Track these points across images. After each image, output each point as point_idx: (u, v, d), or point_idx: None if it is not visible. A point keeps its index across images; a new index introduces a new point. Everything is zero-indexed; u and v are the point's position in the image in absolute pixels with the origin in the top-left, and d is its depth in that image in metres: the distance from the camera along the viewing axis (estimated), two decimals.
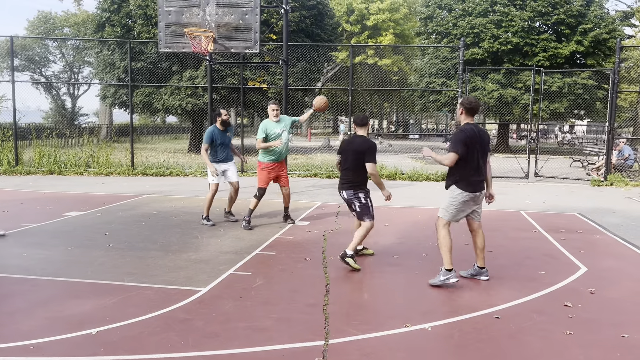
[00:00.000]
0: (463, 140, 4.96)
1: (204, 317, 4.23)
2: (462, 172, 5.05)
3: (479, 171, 5.11)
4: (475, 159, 5.05)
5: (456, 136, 5.04)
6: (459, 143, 4.96)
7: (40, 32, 40.00)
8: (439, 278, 5.09)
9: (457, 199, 5.11)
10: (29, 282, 5.06)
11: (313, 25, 23.33)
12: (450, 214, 5.16)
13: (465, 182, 5.07)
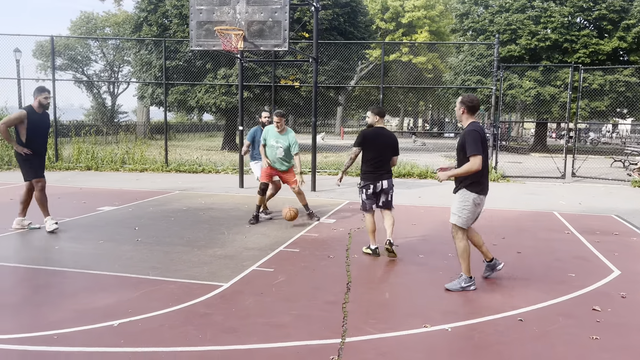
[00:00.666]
0: (480, 139, 4.77)
1: (223, 312, 4.27)
2: (475, 174, 4.82)
3: (487, 172, 4.99)
4: (485, 160, 4.88)
5: (472, 136, 4.76)
6: (478, 143, 4.74)
7: (83, 32, 41.23)
8: (459, 284, 4.94)
9: (469, 202, 4.88)
10: (60, 275, 5.22)
11: (346, 23, 23.28)
12: (464, 219, 4.91)
13: (477, 184, 4.88)
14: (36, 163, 7.11)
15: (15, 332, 3.77)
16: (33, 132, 6.94)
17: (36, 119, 6.97)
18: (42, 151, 7.22)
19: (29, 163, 7.04)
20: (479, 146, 4.73)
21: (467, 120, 4.94)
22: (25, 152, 6.90)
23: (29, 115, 6.91)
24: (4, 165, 14.69)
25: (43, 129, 7.14)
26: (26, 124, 6.87)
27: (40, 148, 7.15)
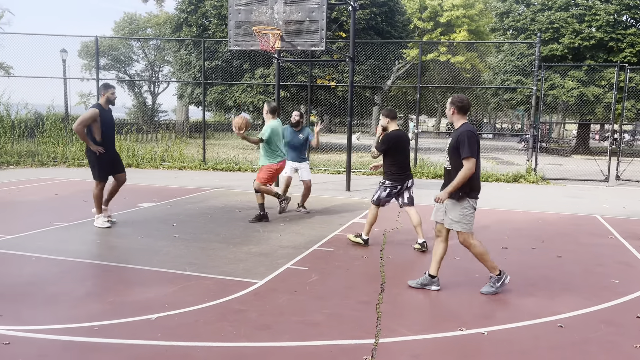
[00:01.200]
0: (476, 141, 4.61)
1: (258, 309, 4.31)
2: (473, 180, 4.67)
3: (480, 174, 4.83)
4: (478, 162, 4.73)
5: (468, 137, 4.58)
6: (473, 145, 4.57)
7: (126, 32, 42.32)
8: (494, 286, 4.84)
9: (470, 208, 4.77)
10: (101, 268, 5.38)
11: (383, 23, 23.15)
12: (470, 224, 4.78)
13: (476, 190, 4.78)
14: (107, 162, 7.16)
15: (58, 322, 3.91)
16: (104, 130, 7.02)
17: (105, 116, 7.05)
18: (112, 149, 7.29)
19: (99, 162, 7.08)
20: (474, 148, 4.59)
21: (458, 121, 4.81)
22: (100, 150, 6.96)
23: (100, 113, 6.97)
24: (50, 162, 15.22)
25: (112, 126, 7.22)
26: (99, 123, 6.95)
27: (111, 146, 7.23)
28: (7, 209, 8.37)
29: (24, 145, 15.94)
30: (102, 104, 7.07)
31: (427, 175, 14.04)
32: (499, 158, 21.59)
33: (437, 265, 4.94)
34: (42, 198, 9.52)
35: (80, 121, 6.88)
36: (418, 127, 15.30)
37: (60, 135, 15.99)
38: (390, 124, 6.31)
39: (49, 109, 16.32)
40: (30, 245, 6.08)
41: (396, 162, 6.27)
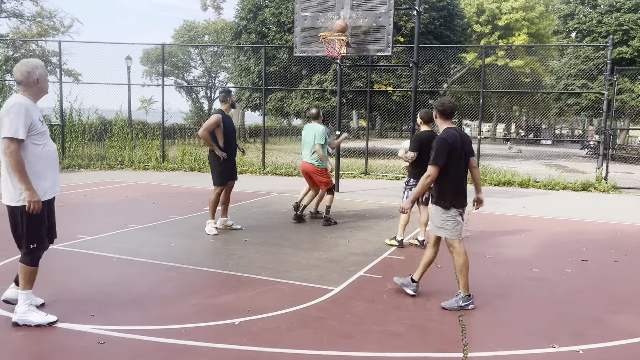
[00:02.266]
0: (448, 150, 4.46)
1: (337, 316, 4.28)
2: (448, 187, 4.56)
3: (465, 183, 4.67)
4: (462, 169, 4.59)
5: (438, 145, 4.48)
6: (443, 154, 4.45)
7: (185, 40, 43.65)
8: (457, 303, 4.55)
9: (449, 216, 4.58)
10: (177, 270, 5.49)
11: (442, 27, 22.81)
12: (453, 230, 4.58)
13: (452, 199, 4.57)
14: (228, 169, 7.23)
15: (146, 323, 4.00)
16: (227, 135, 7.07)
17: (227, 122, 7.10)
18: (234, 155, 7.32)
19: (221, 168, 7.13)
20: (443, 157, 4.45)
21: (441, 125, 4.72)
22: (224, 156, 7.03)
23: (224, 118, 7.02)
24: (118, 165, 15.81)
25: (233, 132, 7.25)
26: (222, 128, 7.00)
27: (233, 151, 7.27)
28: (82, 211, 8.72)
29: (94, 149, 16.64)
30: (224, 110, 7.14)
31: (490, 182, 13.66)
32: (564, 166, 20.78)
33: (422, 271, 4.85)
34: (113, 200, 9.88)
35: (205, 127, 6.97)
36: (481, 132, 14.92)
37: (126, 140, 16.59)
38: (422, 126, 6.40)
39: (117, 114, 16.97)
40: (110, 246, 6.30)
41: (425, 162, 6.17)
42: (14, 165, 3.70)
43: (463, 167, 4.60)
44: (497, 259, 6.28)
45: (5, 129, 3.68)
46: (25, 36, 23.90)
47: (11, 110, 3.71)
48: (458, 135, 4.58)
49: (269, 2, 23.22)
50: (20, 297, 3.92)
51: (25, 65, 3.87)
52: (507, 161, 20.43)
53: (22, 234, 3.87)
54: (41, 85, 3.95)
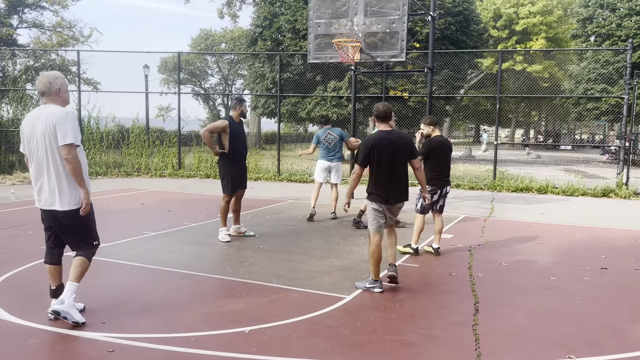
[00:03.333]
0: (367, 149, 5.00)
1: (349, 325, 4.22)
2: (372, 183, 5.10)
3: (392, 181, 5.06)
4: (386, 168, 5.00)
5: (360, 146, 5.17)
6: (362, 152, 5.04)
7: (202, 48, 44.09)
8: (364, 285, 5.13)
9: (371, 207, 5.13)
10: (189, 277, 5.49)
11: (458, 32, 22.68)
12: (371, 223, 5.15)
13: (374, 193, 5.09)
14: (237, 177, 7.19)
15: (156, 331, 3.99)
16: (235, 143, 7.04)
17: (236, 129, 7.09)
18: (243, 164, 7.29)
19: (229, 176, 7.12)
20: (363, 157, 5.02)
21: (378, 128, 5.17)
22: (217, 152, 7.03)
23: (231, 124, 7.01)
24: (134, 173, 15.96)
25: (243, 140, 7.26)
26: (229, 133, 6.97)
27: (243, 159, 7.25)
28: (98, 218, 8.75)
29: (111, 157, 16.83)
30: (234, 117, 7.14)
31: (508, 188, 13.48)
32: (583, 171, 20.43)
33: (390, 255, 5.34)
34: (129, 208, 9.95)
35: (208, 127, 7.10)
36: (497, 138, 14.77)
37: (143, 147, 16.75)
38: (433, 131, 6.57)
39: (134, 122, 17.16)
40: (124, 253, 6.33)
41: (436, 166, 6.52)
42: (77, 170, 3.92)
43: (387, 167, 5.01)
44: (513, 267, 6.17)
45: (68, 136, 3.85)
46: (46, 46, 24.34)
47: (66, 117, 3.89)
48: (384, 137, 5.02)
49: (284, 10, 23.34)
50: (69, 288, 4.07)
51: (46, 77, 4.02)
52: (525, 167, 20.16)
53: (83, 233, 4.15)
54: (63, 96, 4.09)
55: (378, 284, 5.04)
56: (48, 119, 3.90)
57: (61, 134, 3.87)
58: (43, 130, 3.91)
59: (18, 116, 16.13)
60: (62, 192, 3.99)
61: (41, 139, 3.94)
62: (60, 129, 3.87)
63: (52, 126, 3.88)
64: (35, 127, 3.97)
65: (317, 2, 9.75)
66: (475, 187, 13.81)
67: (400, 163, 5.05)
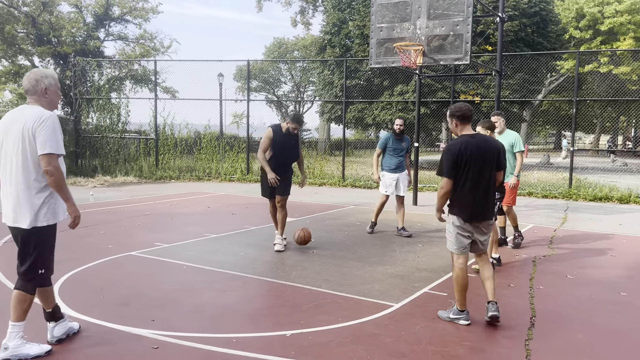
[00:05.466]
0: (454, 159, 4.27)
1: (392, 334, 4.11)
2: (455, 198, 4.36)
3: (479, 193, 4.33)
4: (472, 178, 4.29)
5: (443, 156, 4.35)
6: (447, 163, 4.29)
7: (275, 56, 45.10)
8: (447, 314, 4.48)
9: (451, 225, 4.45)
10: (240, 279, 5.58)
11: (534, 34, 21.71)
12: (451, 243, 4.47)
13: (457, 206, 4.37)
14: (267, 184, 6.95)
15: (200, 331, 4.08)
16: (276, 152, 6.87)
17: (281, 138, 6.85)
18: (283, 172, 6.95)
19: (263, 181, 7.09)
20: (448, 168, 4.29)
21: (460, 132, 4.44)
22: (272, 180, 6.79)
23: (274, 133, 6.86)
24: (205, 177, 16.55)
25: (287, 150, 6.95)
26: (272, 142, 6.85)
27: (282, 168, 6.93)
28: (165, 220, 9.17)
29: (184, 161, 17.55)
30: (282, 127, 6.93)
31: (585, 197, 12.68)
32: None
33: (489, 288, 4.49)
34: (195, 210, 10.31)
35: (260, 148, 6.93)
36: (574, 144, 13.95)
37: (214, 153, 17.34)
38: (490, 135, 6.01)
39: (206, 128, 17.80)
40: (183, 254, 6.55)
41: None
42: (58, 181, 3.44)
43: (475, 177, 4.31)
44: (580, 280, 5.77)
45: (47, 144, 3.38)
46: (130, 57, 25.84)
47: (47, 122, 3.41)
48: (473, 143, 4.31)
49: (353, 15, 23.39)
50: (12, 329, 3.49)
51: (34, 73, 3.55)
52: (608, 175, 18.89)
53: (33, 257, 3.51)
54: (49, 97, 3.59)
55: (464, 315, 4.37)
56: (27, 122, 3.40)
57: (40, 141, 3.38)
58: (18, 134, 3.42)
59: (101, 123, 17.23)
60: (26, 205, 3.46)
61: (13, 142, 3.45)
62: (39, 136, 3.38)
63: (30, 131, 3.39)
64: (9, 129, 3.47)
65: (378, 7, 9.68)
66: (549, 196, 13.11)
67: (488, 172, 4.33)
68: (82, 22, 24.48)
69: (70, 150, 16.69)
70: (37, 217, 3.48)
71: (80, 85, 17.58)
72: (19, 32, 22.37)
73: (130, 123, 18.23)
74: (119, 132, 17.23)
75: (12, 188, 3.49)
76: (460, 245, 4.40)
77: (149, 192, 13.16)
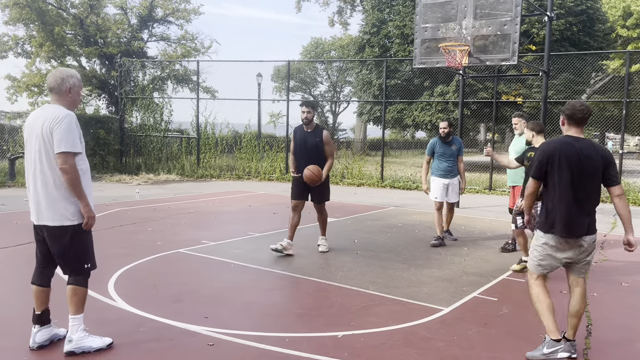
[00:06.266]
0: (547, 160, 3.73)
1: (445, 338, 4.07)
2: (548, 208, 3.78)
3: (575, 204, 3.67)
4: (567, 185, 3.66)
5: (535, 156, 3.91)
6: (539, 164, 3.77)
7: (312, 56, 45.26)
8: (540, 351, 3.74)
9: (538, 241, 3.86)
10: (287, 278, 5.63)
11: (580, 33, 21.12)
12: (534, 261, 3.89)
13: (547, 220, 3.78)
14: (294, 187, 6.78)
15: (253, 329, 4.13)
16: (298, 153, 6.66)
17: (302, 137, 6.61)
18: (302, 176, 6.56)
19: (295, 182, 6.79)
20: (535, 168, 3.79)
21: (566, 132, 3.84)
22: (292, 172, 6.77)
23: (294, 132, 6.73)
24: (245, 176, 16.75)
25: (309, 149, 6.56)
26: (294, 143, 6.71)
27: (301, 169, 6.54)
28: (209, 218, 9.33)
29: (224, 160, 17.81)
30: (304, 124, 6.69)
31: (635, 201, 12.26)
32: None
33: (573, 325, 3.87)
34: (237, 209, 10.44)
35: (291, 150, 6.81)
36: (623, 146, 13.52)
37: (254, 152, 17.53)
38: (535, 138, 5.68)
39: (246, 127, 18.01)
40: (229, 252, 6.65)
41: None
42: (74, 181, 3.46)
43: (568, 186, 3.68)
44: (636, 288, 5.60)
45: (62, 142, 3.42)
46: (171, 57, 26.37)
47: (64, 121, 3.45)
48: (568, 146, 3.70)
49: (392, 16, 23.25)
50: (73, 323, 3.60)
51: (60, 72, 3.60)
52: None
53: (73, 254, 3.59)
54: (73, 97, 3.62)
55: (562, 346, 3.69)
56: (46, 121, 3.46)
57: (56, 140, 3.43)
58: (39, 133, 3.49)
59: (145, 122, 17.64)
60: (53, 204, 3.51)
61: (36, 142, 3.52)
62: (56, 134, 3.43)
63: (48, 129, 3.45)
64: (33, 128, 3.55)
65: (423, 7, 9.59)
66: None
67: (588, 182, 3.68)
68: (126, 24, 25.13)
69: (115, 148, 17.17)
70: (67, 215, 3.53)
71: (125, 85, 18.04)
72: (67, 33, 23.13)
73: (172, 122, 18.62)
74: (161, 131, 17.61)
75: (39, 187, 3.54)
76: (542, 262, 3.83)
77: (192, 190, 13.41)
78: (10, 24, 22.44)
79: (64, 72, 3.60)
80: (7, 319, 4.26)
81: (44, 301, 3.69)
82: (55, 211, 3.50)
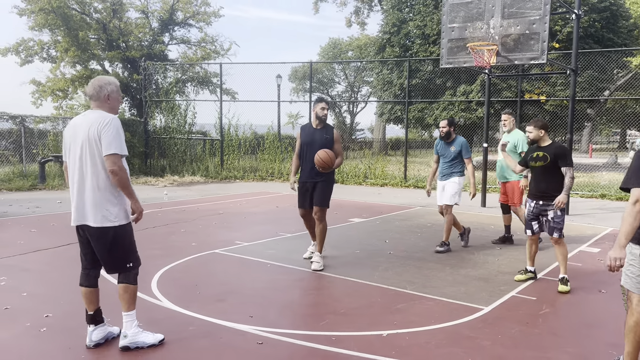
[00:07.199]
0: None
1: (489, 337, 4.11)
2: None
3: None
4: None
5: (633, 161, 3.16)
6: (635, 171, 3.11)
7: (329, 57, 45.32)
8: None
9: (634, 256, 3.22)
10: (324, 278, 5.70)
11: (604, 29, 20.89)
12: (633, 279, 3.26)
13: None
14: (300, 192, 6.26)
15: (299, 328, 4.22)
16: (304, 153, 6.16)
17: (309, 136, 6.11)
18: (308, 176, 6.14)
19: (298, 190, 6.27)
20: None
21: None
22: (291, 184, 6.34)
23: (302, 130, 6.27)
24: (268, 177, 16.87)
25: (316, 145, 5.99)
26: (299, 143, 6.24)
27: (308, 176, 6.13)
28: (239, 219, 9.45)
29: (247, 162, 17.96)
30: (312, 121, 6.22)
31: None
32: None
33: None
34: (265, 210, 10.55)
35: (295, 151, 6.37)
36: None
37: (276, 153, 17.65)
38: (543, 137, 5.53)
39: (269, 129, 18.15)
40: (264, 253, 6.74)
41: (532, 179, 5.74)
42: (124, 181, 3.59)
43: None
44: None
45: (112, 144, 3.53)
46: (192, 60, 26.64)
47: (111, 124, 3.56)
48: None
49: (413, 15, 23.23)
50: (126, 319, 3.74)
51: (98, 80, 3.72)
52: None
53: (115, 254, 3.71)
54: (112, 103, 3.73)
55: None
56: (92, 125, 3.56)
57: (105, 142, 3.53)
58: (85, 137, 3.58)
59: (169, 124, 17.87)
60: (96, 206, 3.61)
61: (81, 146, 3.60)
62: (104, 137, 3.53)
63: (96, 133, 3.54)
64: (77, 133, 3.64)
65: (450, 7, 9.60)
66: (625, 198, 12.57)
67: None
68: (148, 27, 25.45)
69: (140, 150, 17.42)
70: (109, 217, 3.63)
71: (149, 88, 18.29)
72: (91, 37, 23.52)
73: (195, 124, 18.83)
74: (185, 133, 17.81)
75: (82, 190, 3.63)
76: None
77: (217, 191, 13.56)
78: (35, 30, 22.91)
79: (102, 79, 3.72)
80: (61, 319, 4.39)
81: (94, 301, 3.82)
82: (98, 213, 3.61)
